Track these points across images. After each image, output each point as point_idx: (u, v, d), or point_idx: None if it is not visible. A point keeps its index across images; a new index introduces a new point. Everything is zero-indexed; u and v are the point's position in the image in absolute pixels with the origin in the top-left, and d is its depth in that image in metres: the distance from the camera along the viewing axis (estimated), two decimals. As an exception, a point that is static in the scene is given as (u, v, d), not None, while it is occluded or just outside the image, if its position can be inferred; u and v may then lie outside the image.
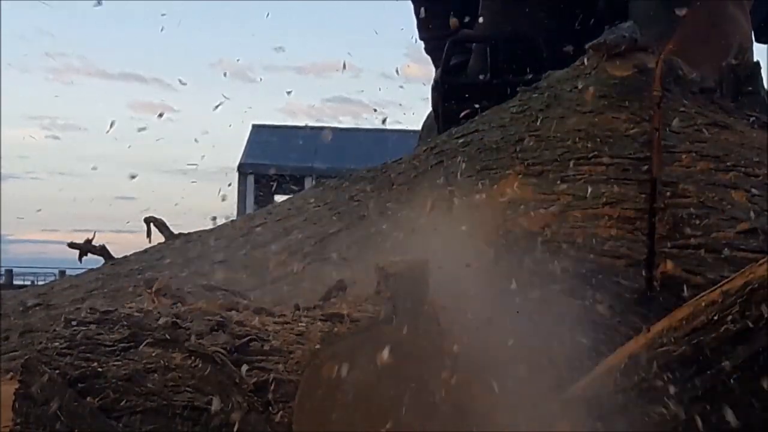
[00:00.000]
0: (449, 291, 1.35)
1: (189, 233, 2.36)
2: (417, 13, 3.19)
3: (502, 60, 2.77)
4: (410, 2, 3.22)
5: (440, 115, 2.79)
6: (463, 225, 1.58)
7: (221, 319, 1.23)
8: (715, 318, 1.15)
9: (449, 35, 2.91)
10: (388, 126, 2.33)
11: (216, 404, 1.11)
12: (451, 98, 2.76)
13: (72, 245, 2.42)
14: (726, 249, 1.54)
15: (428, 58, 3.34)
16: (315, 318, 1.22)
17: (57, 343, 1.24)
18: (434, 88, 2.89)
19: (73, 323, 1.28)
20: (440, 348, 1.27)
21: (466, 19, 2.94)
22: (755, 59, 2.03)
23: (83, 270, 2.47)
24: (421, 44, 3.35)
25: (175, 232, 2.41)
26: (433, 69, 3.10)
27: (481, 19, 2.97)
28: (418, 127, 3.23)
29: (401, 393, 1.19)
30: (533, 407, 1.29)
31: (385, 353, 1.15)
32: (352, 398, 1.14)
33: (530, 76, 2.20)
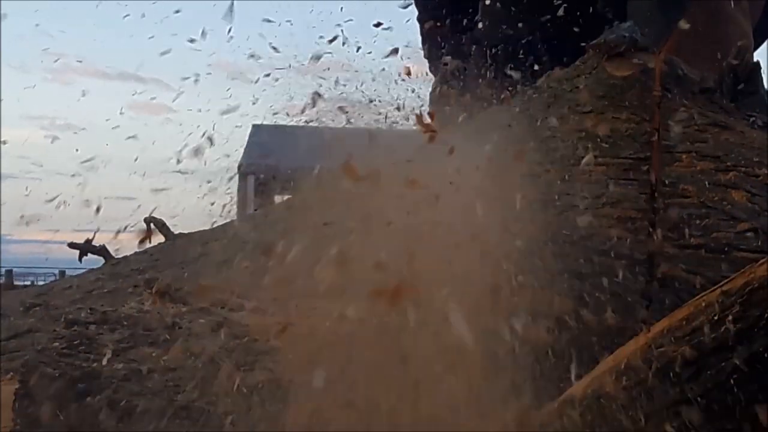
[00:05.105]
0: (448, 292, 1.35)
1: (189, 233, 2.36)
2: (422, 34, 3.23)
3: (501, 63, 2.78)
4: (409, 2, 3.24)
5: (438, 121, 2.80)
6: (463, 225, 1.58)
7: (221, 319, 1.24)
8: (715, 318, 1.15)
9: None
10: (388, 126, 2.31)
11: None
12: (448, 103, 2.77)
13: (72, 245, 2.42)
14: (726, 249, 1.54)
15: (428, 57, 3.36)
16: (315, 318, 1.22)
17: (57, 343, 1.24)
18: (432, 94, 2.91)
19: (73, 323, 1.28)
20: (443, 344, 1.27)
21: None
22: (755, 59, 2.04)
23: (83, 270, 2.47)
24: (419, 44, 3.37)
25: (175, 232, 2.41)
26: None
27: (480, 24, 2.99)
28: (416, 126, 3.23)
29: (402, 391, 1.19)
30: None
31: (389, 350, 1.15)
32: (352, 396, 1.14)
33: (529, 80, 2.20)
